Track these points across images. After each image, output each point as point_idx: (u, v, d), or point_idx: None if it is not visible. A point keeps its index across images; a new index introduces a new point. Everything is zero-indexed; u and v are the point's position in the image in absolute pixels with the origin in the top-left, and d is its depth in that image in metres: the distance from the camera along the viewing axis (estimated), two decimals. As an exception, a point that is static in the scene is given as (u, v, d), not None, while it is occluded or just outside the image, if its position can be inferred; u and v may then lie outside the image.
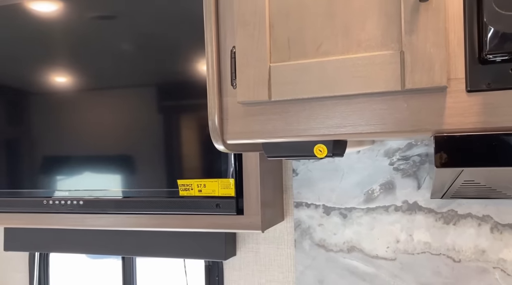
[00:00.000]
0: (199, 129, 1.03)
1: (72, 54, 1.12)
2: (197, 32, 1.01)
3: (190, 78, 1.03)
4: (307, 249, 1.12)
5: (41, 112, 1.16)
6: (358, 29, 0.66)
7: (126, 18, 1.07)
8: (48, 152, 1.15)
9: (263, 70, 0.71)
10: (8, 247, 1.35)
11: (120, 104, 1.08)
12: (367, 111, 0.66)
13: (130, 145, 1.07)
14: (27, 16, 1.16)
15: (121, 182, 1.08)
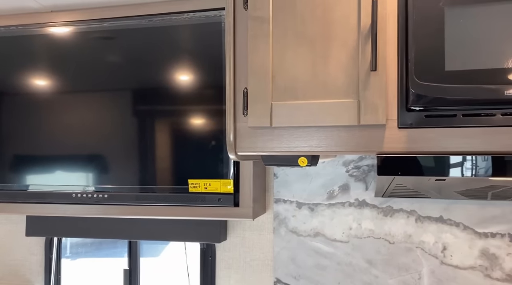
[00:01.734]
0: (208, 141, 1.34)
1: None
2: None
3: (203, 93, 1.34)
4: (283, 235, 1.47)
5: (70, 116, 1.42)
6: (331, 84, 1.01)
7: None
8: (78, 152, 1.42)
9: (267, 106, 1.05)
10: (29, 233, 1.59)
11: (147, 114, 1.37)
12: (336, 136, 1.02)
13: (151, 150, 1.36)
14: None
15: (142, 179, 1.37)
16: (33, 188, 1.46)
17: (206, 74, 1.33)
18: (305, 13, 1.03)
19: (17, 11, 1.50)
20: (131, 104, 1.39)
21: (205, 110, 1.33)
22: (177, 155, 1.36)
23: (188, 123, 1.34)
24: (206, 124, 1.34)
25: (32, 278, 1.69)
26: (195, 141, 1.34)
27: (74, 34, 1.42)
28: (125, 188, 1.38)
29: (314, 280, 1.43)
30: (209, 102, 1.33)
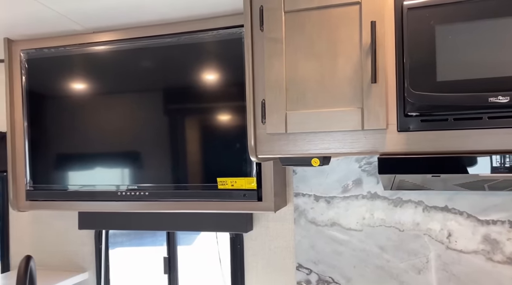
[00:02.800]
0: (233, 144, 1.51)
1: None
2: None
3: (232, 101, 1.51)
4: (303, 225, 1.63)
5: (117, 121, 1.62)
6: (338, 94, 1.16)
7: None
8: (122, 154, 1.62)
9: (282, 115, 1.21)
10: (81, 226, 1.83)
11: (188, 118, 1.56)
12: (342, 140, 1.17)
13: (185, 153, 1.55)
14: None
15: (177, 178, 1.56)
16: (84, 188, 1.68)
17: (232, 87, 1.50)
18: (313, 33, 1.18)
19: (64, 34, 1.71)
20: (167, 110, 1.57)
21: (230, 119, 1.50)
22: (207, 157, 1.54)
23: (216, 130, 1.52)
24: (231, 131, 1.51)
25: (84, 265, 1.93)
26: (222, 144, 1.52)
27: (112, 50, 1.62)
28: (163, 186, 1.58)
29: (332, 264, 1.59)
30: (233, 112, 1.50)
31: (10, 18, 1.52)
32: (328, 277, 1.60)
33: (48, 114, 1.72)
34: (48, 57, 1.70)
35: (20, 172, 1.76)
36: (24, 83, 1.74)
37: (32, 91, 1.73)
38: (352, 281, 1.57)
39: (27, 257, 1.23)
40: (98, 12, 1.50)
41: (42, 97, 1.72)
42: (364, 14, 1.13)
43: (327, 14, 1.17)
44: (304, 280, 1.63)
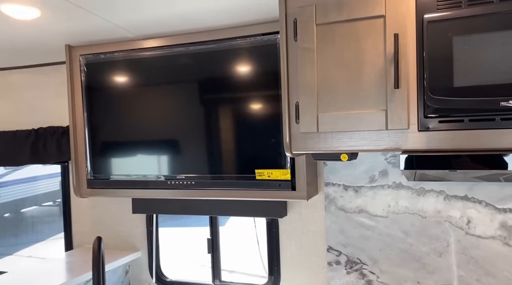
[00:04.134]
0: (269, 139, 1.68)
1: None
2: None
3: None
4: (333, 211, 1.80)
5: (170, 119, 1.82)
6: (364, 98, 1.31)
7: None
8: (172, 148, 1.83)
9: (314, 116, 1.37)
10: (135, 211, 2.06)
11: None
12: (368, 138, 1.32)
13: (228, 147, 1.74)
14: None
15: (220, 170, 1.75)
16: (138, 178, 1.91)
17: (269, 90, 1.66)
18: (342, 43, 1.32)
19: (118, 40, 1.91)
20: (216, 110, 1.76)
21: (266, 118, 1.67)
22: (246, 151, 1.72)
23: (255, 128, 1.69)
24: (268, 128, 1.68)
25: (137, 245, 2.18)
26: (260, 140, 1.69)
27: (158, 55, 1.81)
28: (207, 176, 1.78)
29: (359, 247, 1.76)
30: (269, 113, 1.66)
31: (71, 27, 1.72)
32: (356, 258, 1.76)
33: (104, 111, 1.94)
34: (104, 61, 1.92)
35: (81, 163, 2.00)
36: (83, 83, 1.97)
37: (90, 89, 1.96)
38: (378, 263, 1.73)
39: (98, 238, 1.46)
40: (148, 22, 1.69)
41: (98, 95, 1.94)
42: (388, 26, 1.26)
43: (355, 26, 1.31)
44: (334, 261, 1.80)
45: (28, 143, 2.31)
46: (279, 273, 1.91)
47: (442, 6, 1.21)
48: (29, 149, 2.30)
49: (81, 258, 2.08)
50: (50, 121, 2.34)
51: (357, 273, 1.76)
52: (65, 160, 2.29)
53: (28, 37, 1.83)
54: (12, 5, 1.47)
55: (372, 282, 1.74)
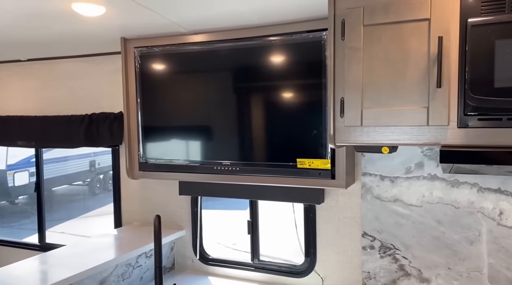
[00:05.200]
0: (311, 131, 1.80)
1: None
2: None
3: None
4: (369, 200, 1.91)
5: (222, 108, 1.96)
6: (407, 96, 1.40)
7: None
8: (220, 135, 1.97)
9: (358, 111, 1.48)
10: (181, 192, 2.23)
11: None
12: (410, 133, 1.42)
13: (273, 137, 1.86)
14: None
15: (264, 157, 1.88)
16: (186, 162, 2.05)
17: (314, 86, 1.77)
18: (388, 44, 1.42)
19: (170, 34, 2.04)
20: (264, 102, 1.88)
21: (309, 111, 1.78)
22: (288, 141, 1.84)
23: (298, 120, 1.81)
24: (310, 121, 1.79)
25: (182, 224, 2.36)
26: (302, 131, 1.81)
27: (207, 49, 1.94)
28: (251, 163, 1.91)
29: (393, 233, 1.87)
30: (312, 106, 1.77)
31: (128, 22, 1.87)
32: (389, 244, 1.88)
33: (154, 99, 2.09)
34: (156, 53, 2.06)
35: (134, 147, 2.17)
36: (137, 72, 2.12)
37: (142, 79, 2.11)
38: (411, 249, 1.84)
39: (158, 216, 1.63)
40: (201, 19, 1.81)
41: (150, 85, 2.09)
42: (433, 29, 1.35)
43: (400, 28, 1.39)
44: (368, 246, 1.92)
45: (82, 127, 2.50)
46: (315, 255, 2.05)
47: (486, 10, 1.29)
48: (83, 133, 2.49)
49: (131, 234, 2.27)
50: (102, 107, 2.52)
51: (390, 257, 1.88)
52: (116, 144, 2.47)
53: (88, 31, 1.98)
54: (82, 3, 1.62)
55: (404, 266, 1.85)
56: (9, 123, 2.73)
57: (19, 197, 9.62)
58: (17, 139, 2.71)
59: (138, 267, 2.09)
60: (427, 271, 1.82)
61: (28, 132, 2.68)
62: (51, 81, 2.68)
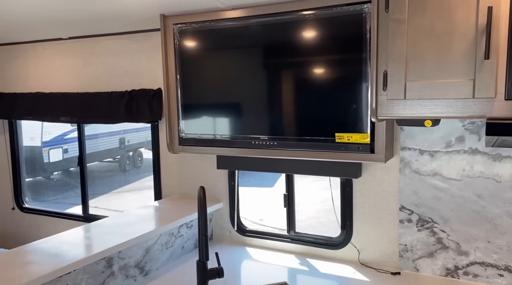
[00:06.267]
0: (350, 105, 1.80)
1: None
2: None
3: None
4: (407, 174, 1.92)
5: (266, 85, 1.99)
6: (452, 68, 1.40)
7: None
8: (258, 110, 2.00)
9: (402, 84, 1.48)
10: (219, 166, 2.29)
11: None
12: (455, 106, 1.42)
13: (311, 112, 1.88)
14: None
15: (302, 132, 1.91)
16: (224, 137, 2.11)
17: (354, 59, 1.76)
18: (434, 15, 1.40)
19: (209, 10, 2.07)
20: (302, 76, 1.90)
21: (349, 85, 1.78)
22: (327, 115, 1.85)
23: (337, 93, 1.82)
24: (349, 94, 1.80)
25: (220, 197, 2.43)
26: (341, 105, 1.82)
27: (244, 25, 1.95)
28: (289, 138, 1.95)
29: (431, 207, 1.88)
30: (352, 80, 1.78)
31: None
32: (427, 217, 1.89)
33: (193, 75, 2.14)
34: (195, 29, 2.09)
35: (174, 122, 2.23)
36: (176, 49, 2.16)
37: (181, 55, 2.15)
38: (449, 222, 1.85)
39: (202, 187, 1.69)
40: (241, -6, 1.82)
41: (188, 61, 2.13)
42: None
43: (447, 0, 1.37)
44: (405, 219, 1.94)
45: (123, 103, 2.58)
46: (352, 228, 2.08)
47: (540, -22, 1.25)
48: (124, 109, 2.58)
49: (171, 206, 2.36)
50: (141, 84, 2.58)
51: (428, 231, 1.90)
52: (156, 119, 2.54)
53: (127, 8, 2.02)
54: (126, -19, 1.66)
55: (442, 239, 1.87)
56: (53, 99, 2.85)
57: (54, 173, 10.03)
58: (60, 115, 2.82)
59: (180, 237, 2.18)
60: (465, 244, 1.83)
61: (70, 108, 2.79)
62: (92, 58, 2.76)
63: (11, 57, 3.13)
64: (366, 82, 1.74)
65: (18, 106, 3.01)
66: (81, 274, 1.63)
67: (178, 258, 2.17)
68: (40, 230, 3.19)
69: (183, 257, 2.19)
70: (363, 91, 1.76)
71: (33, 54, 3.01)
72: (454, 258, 1.85)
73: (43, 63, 2.98)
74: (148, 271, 1.97)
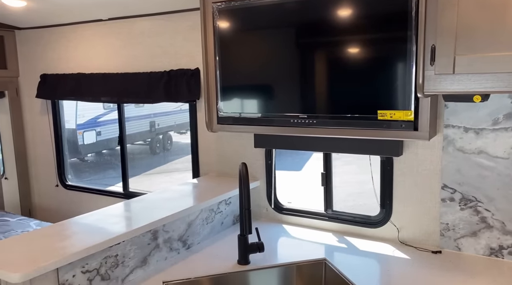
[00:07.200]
0: (394, 81, 1.77)
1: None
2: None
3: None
4: (451, 152, 1.89)
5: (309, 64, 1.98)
6: (506, 40, 1.35)
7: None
8: (295, 89, 2.00)
9: (451, 58, 1.44)
10: (257, 145, 2.31)
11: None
12: (507, 80, 1.38)
13: (352, 88, 1.86)
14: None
15: (343, 110, 1.89)
16: (262, 116, 2.11)
17: (395, 29, 1.73)
18: (488, -14, 1.35)
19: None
20: (339, 51, 1.88)
21: (392, 60, 1.75)
22: (369, 92, 1.83)
23: (380, 69, 1.79)
24: (392, 69, 1.76)
25: (257, 175, 2.46)
26: (384, 81, 1.79)
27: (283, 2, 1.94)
28: (329, 116, 1.93)
29: (476, 186, 1.85)
30: (395, 56, 1.74)
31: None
32: (471, 196, 1.86)
33: (232, 54, 2.14)
34: (235, 8, 2.09)
35: (212, 101, 2.26)
36: (215, 28, 2.17)
37: (220, 35, 2.16)
38: (494, 201, 1.81)
39: (244, 163, 1.73)
40: (283, -30, 1.81)
41: (227, 40, 2.14)
42: (542, -33, 1.26)
43: (504, -32, 1.32)
44: (448, 198, 1.92)
45: (162, 83, 2.63)
46: (391, 207, 2.07)
47: None
48: (163, 89, 2.63)
49: (209, 183, 2.41)
50: (179, 64, 2.62)
51: (471, 209, 1.87)
52: (194, 99, 2.58)
53: (171, -13, 2.05)
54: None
55: (486, 218, 1.84)
56: (94, 80, 2.93)
57: (88, 154, 10.36)
58: (101, 95, 2.91)
59: (219, 213, 2.23)
60: (511, 223, 1.79)
61: (110, 89, 2.86)
62: (131, 39, 2.82)
63: (54, 39, 3.22)
64: (411, 59, 1.70)
65: (61, 87, 3.11)
66: (129, 245, 1.70)
67: (217, 233, 2.22)
68: (82, 206, 3.32)
69: (222, 232, 2.24)
70: (407, 67, 1.73)
71: (74, 35, 3.09)
72: (499, 238, 1.82)
73: (83, 45, 3.06)
74: (190, 244, 2.03)
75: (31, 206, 3.69)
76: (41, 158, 3.56)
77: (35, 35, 3.34)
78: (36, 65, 3.38)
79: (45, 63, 3.31)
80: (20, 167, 3.59)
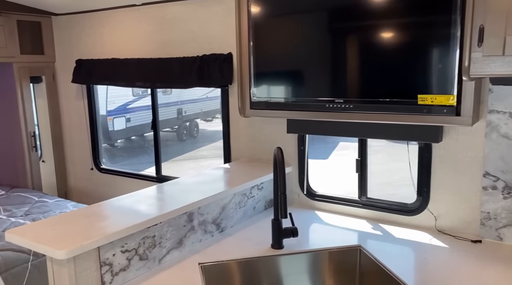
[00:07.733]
0: (436, 64, 1.71)
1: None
2: None
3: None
4: (494, 139, 1.81)
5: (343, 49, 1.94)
6: None
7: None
8: (334, 75, 1.96)
9: (501, 39, 1.38)
10: (289, 131, 2.29)
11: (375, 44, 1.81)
12: (562, 63, 1.30)
13: (391, 72, 1.80)
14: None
15: (382, 94, 1.84)
16: (295, 100, 2.09)
17: (439, 11, 1.65)
18: (545, -40, 1.27)
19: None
20: (375, 33, 1.82)
21: (435, 42, 1.68)
22: (408, 76, 1.77)
23: (421, 51, 1.72)
24: (435, 52, 1.70)
25: (289, 161, 2.44)
26: (425, 64, 1.73)
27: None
28: (367, 100, 1.89)
29: (521, 174, 1.78)
30: (439, 38, 1.67)
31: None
32: (515, 185, 1.79)
33: (265, 39, 2.12)
34: (270, -10, 2.06)
35: (245, 86, 2.24)
36: (250, 14, 2.15)
37: (254, 18, 2.13)
38: (540, 190, 1.74)
39: (279, 148, 1.72)
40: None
41: (261, 25, 2.11)
42: None
43: None
44: (490, 186, 1.85)
45: (194, 68, 2.64)
46: (429, 194, 2.02)
47: None
48: (196, 74, 2.63)
49: (241, 168, 2.41)
50: (211, 49, 2.61)
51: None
52: (226, 84, 2.57)
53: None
54: None
55: (531, 208, 1.77)
56: (127, 65, 2.97)
57: (118, 140, 10.60)
58: (135, 80, 2.94)
59: (252, 197, 2.24)
60: (558, 214, 1.72)
61: (144, 74, 2.89)
62: (163, 24, 2.83)
63: (89, 24, 3.28)
64: (455, 41, 1.63)
65: (96, 72, 3.17)
66: (166, 226, 1.72)
67: (250, 217, 2.23)
68: (116, 189, 3.40)
69: (255, 217, 2.25)
70: (450, 49, 1.66)
71: (108, 21, 3.13)
72: (544, 228, 1.75)
73: (117, 30, 3.10)
74: (223, 228, 2.04)
75: (67, 189, 3.81)
76: (76, 142, 3.66)
77: (71, 21, 3.40)
78: (71, 51, 3.45)
79: (81, 49, 3.38)
80: (57, 151, 3.70)
